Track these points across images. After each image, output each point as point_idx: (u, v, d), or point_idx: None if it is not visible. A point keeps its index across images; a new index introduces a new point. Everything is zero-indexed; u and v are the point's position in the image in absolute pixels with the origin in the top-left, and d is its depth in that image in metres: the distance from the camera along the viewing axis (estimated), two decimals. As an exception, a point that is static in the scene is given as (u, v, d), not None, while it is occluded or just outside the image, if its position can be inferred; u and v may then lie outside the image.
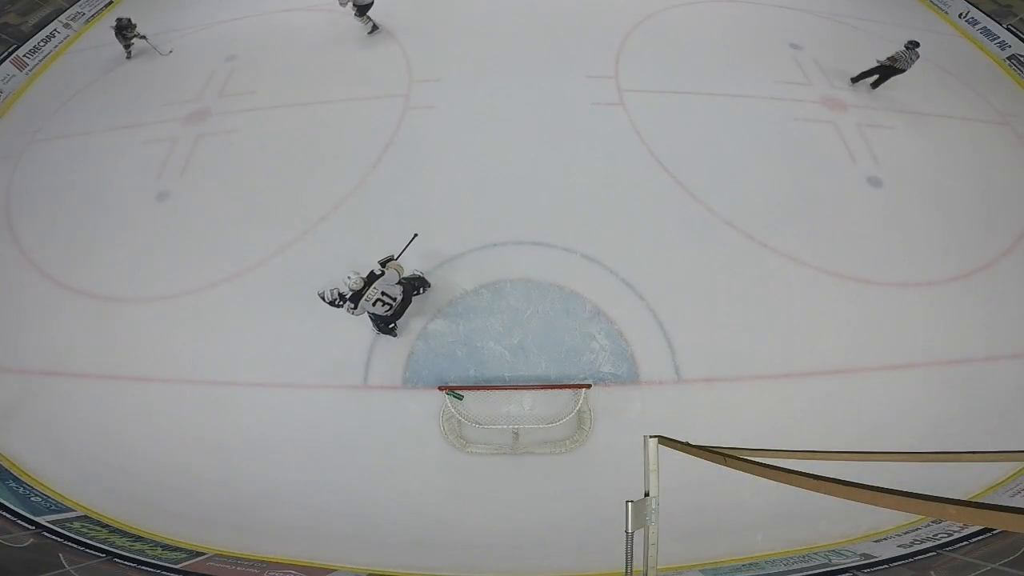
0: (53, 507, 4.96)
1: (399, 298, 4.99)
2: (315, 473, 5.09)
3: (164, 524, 4.96)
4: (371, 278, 4.88)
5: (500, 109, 7.43)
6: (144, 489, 5.14)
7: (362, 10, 8.10)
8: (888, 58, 7.71)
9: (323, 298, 5.01)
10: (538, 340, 5.59)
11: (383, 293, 4.87)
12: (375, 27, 8.41)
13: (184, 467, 5.17)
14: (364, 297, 4.82)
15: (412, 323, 5.65)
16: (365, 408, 5.35)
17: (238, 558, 4.70)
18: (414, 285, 5.35)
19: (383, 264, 5.01)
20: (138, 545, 4.71)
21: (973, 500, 2.75)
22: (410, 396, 5.37)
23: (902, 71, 7.67)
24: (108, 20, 10.17)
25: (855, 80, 8.04)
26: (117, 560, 4.39)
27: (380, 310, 4.92)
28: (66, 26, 9.87)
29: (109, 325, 5.92)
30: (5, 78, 8.88)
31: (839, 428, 5.23)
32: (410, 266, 5.55)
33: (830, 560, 4.48)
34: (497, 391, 5.28)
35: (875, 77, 7.92)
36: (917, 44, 7.52)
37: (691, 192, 6.62)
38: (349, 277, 4.79)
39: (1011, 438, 5.15)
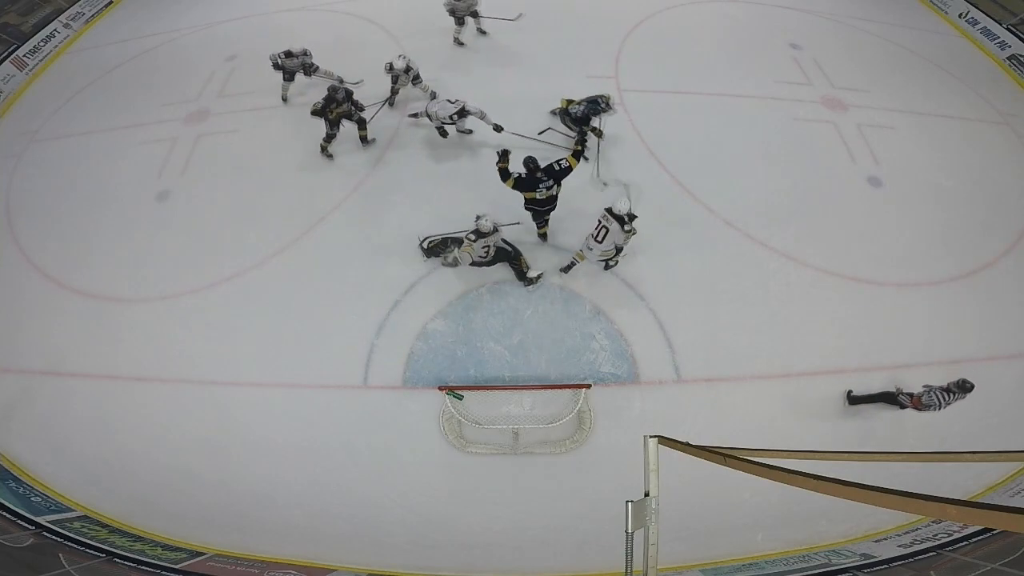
0: (53, 507, 4.96)
1: (493, 255, 5.55)
2: (315, 473, 5.09)
3: (164, 524, 4.97)
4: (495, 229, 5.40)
5: (499, 110, 7.42)
6: (144, 489, 5.14)
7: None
8: (913, 400, 4.91)
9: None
10: (538, 340, 5.59)
11: (493, 244, 5.43)
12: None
13: (184, 467, 5.17)
14: (486, 240, 5.27)
15: (412, 323, 5.66)
16: (365, 408, 5.35)
17: (238, 558, 4.71)
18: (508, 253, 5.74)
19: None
20: (138, 545, 4.71)
21: (973, 500, 2.75)
22: (410, 396, 5.37)
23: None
24: (108, 20, 10.26)
25: (854, 402, 5.34)
26: (117, 560, 4.40)
27: (482, 254, 5.45)
28: (66, 26, 9.85)
29: (109, 325, 5.92)
30: (5, 78, 8.87)
31: (839, 428, 5.24)
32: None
33: (830, 560, 4.49)
34: (497, 391, 5.28)
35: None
36: (968, 388, 4.64)
37: (691, 192, 6.62)
38: (486, 218, 5.22)
39: (1011, 438, 5.15)
